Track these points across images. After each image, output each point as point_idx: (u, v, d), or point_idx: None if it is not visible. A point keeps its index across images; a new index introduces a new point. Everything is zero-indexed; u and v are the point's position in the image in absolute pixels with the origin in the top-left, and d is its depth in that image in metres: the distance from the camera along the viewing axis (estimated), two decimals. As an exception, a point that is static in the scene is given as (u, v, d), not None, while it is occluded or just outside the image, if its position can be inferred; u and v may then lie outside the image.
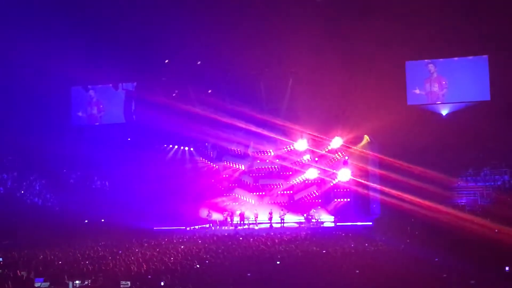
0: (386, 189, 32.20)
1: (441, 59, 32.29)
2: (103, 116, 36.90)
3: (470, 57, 31.69)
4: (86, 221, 33.37)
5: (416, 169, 31.19)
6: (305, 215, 35.79)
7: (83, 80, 36.13)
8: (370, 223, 32.63)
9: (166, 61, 33.59)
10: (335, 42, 30.80)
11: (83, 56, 31.88)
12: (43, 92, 34.31)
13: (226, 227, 35.50)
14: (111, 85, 36.07)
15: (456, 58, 32.03)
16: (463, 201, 32.35)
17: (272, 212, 35.97)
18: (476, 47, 31.10)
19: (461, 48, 31.29)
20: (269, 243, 23.86)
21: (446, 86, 32.10)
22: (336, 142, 35.80)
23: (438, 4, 29.68)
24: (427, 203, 29.05)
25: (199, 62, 33.19)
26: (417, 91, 32.60)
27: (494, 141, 31.06)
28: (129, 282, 15.23)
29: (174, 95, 34.27)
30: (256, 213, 36.36)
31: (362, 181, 35.03)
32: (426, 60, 32.31)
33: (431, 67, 32.19)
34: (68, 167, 38.30)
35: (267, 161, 38.59)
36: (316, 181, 37.62)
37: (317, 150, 36.88)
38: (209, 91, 34.13)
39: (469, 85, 31.73)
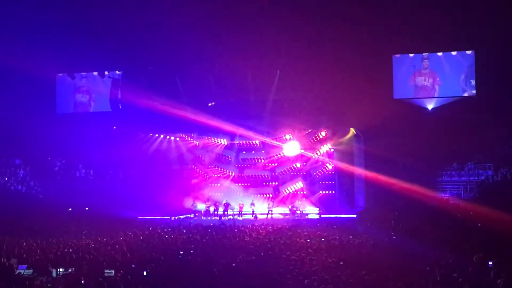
0: (371, 182, 32.39)
1: (427, 53, 32.37)
2: (88, 104, 36.62)
3: (456, 52, 31.80)
4: (70, 209, 33.18)
5: (401, 162, 31.37)
6: (290, 206, 35.92)
7: (68, 68, 35.82)
8: (355, 216, 32.81)
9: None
10: (322, 34, 30.77)
11: (69, 43, 31.61)
12: (28, 79, 33.95)
13: (210, 218, 35.56)
14: (97, 73, 35.80)
15: (442, 53, 32.13)
16: (447, 195, 32.65)
17: (254, 203, 36.09)
18: (463, 42, 31.21)
19: (448, 43, 31.39)
20: (254, 234, 23.92)
21: (432, 81, 32.20)
22: (322, 134, 36.00)
23: (426, -1, 29.84)
24: (411, 195, 29.25)
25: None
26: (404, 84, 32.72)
27: (479, 136, 31.28)
28: (113, 271, 15.21)
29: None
30: (241, 203, 36.44)
31: (348, 173, 35.21)
32: (412, 54, 32.38)
33: (425, 62, 32.27)
34: (52, 155, 38.07)
35: (253, 152, 38.67)
36: (301, 173, 37.80)
37: (304, 141, 37.01)
38: (196, 82, 33.98)
39: (455, 80, 31.86)
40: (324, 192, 37.14)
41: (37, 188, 35.42)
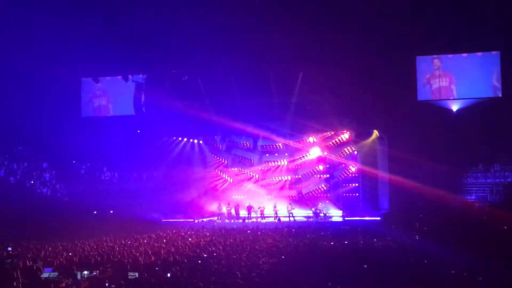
0: (395, 184, 32.14)
1: (451, 55, 32.06)
2: (112, 107, 36.92)
3: (481, 53, 31.46)
4: (95, 212, 33.47)
5: (425, 164, 31.08)
6: (313, 209, 35.83)
7: (93, 72, 36.16)
8: (379, 218, 32.61)
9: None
10: (345, 36, 30.63)
11: (93, 48, 31.90)
12: (54, 83, 34.34)
13: (234, 220, 35.59)
14: (120, 77, 36.06)
15: (466, 54, 31.81)
16: (473, 197, 32.27)
17: (276, 206, 36.07)
18: (488, 43, 30.86)
19: (472, 44, 31.06)
20: (276, 237, 23.87)
21: (453, 82, 31.87)
22: (345, 136, 35.85)
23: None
24: (436, 198, 28.97)
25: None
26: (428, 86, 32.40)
27: (505, 137, 30.88)
28: (137, 273, 15.30)
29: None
30: (262, 206, 36.42)
31: (372, 175, 35.04)
32: (436, 56, 32.08)
33: (437, 62, 31.96)
34: (77, 158, 38.41)
35: (276, 155, 38.64)
36: (324, 176, 37.68)
37: (327, 144, 36.89)
38: (219, 85, 34.06)
39: (481, 81, 31.49)
40: (347, 194, 36.96)
41: (63, 191, 35.75)
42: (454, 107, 32.16)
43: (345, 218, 34.27)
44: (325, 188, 37.31)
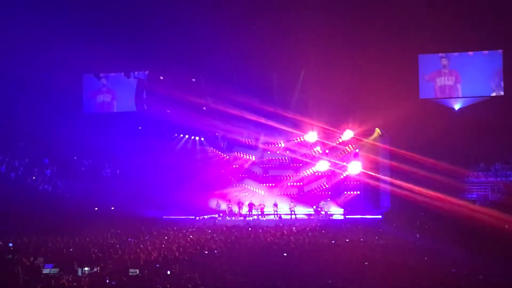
0: (396, 182, 32.12)
1: (454, 53, 32.01)
2: (114, 104, 36.91)
3: (484, 52, 31.41)
4: (96, 208, 33.47)
5: (427, 162, 31.04)
6: (314, 207, 35.79)
7: (95, 68, 36.17)
8: (380, 216, 32.59)
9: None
10: (347, 34, 30.62)
11: (96, 44, 31.89)
12: (55, 79, 34.33)
13: (235, 218, 35.58)
14: (123, 73, 36.05)
15: (469, 53, 31.76)
16: (474, 196, 32.21)
17: (277, 204, 36.04)
18: (491, 42, 30.81)
19: (475, 42, 31.02)
20: (278, 235, 23.87)
21: (459, 81, 31.84)
22: (347, 134, 35.77)
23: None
24: (437, 196, 28.95)
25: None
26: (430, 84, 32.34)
27: (506, 136, 30.83)
28: (137, 270, 15.31)
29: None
30: (263, 204, 36.39)
31: (373, 173, 34.99)
32: (439, 54, 32.04)
33: (444, 61, 31.92)
34: (79, 155, 38.40)
35: (278, 152, 38.53)
36: (326, 173, 37.57)
37: (328, 142, 36.85)
38: (221, 82, 34.03)
39: (483, 80, 31.46)
40: (349, 192, 36.91)
41: (64, 188, 35.74)
42: (456, 106, 32.14)
43: (346, 216, 34.22)
44: (326, 186, 37.24)
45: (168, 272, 15.14)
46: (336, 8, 30.10)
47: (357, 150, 36.09)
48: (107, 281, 14.42)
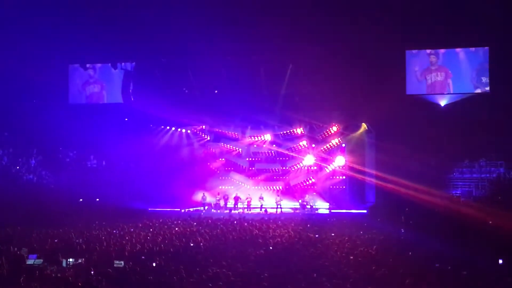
0: (382, 177, 32.27)
1: (441, 50, 32.13)
2: (104, 95, 36.66)
3: (471, 49, 31.58)
4: (81, 199, 33.31)
5: (412, 158, 31.20)
6: (300, 201, 35.88)
7: (81, 58, 35.90)
8: (365, 211, 32.75)
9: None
10: (335, 29, 30.61)
11: (82, 34, 31.65)
12: (41, 69, 34.00)
13: (220, 211, 35.58)
14: (110, 64, 35.82)
15: (456, 49, 31.91)
16: (458, 192, 32.47)
17: (263, 197, 36.08)
18: (477, 39, 30.95)
19: (462, 39, 31.15)
20: (263, 228, 23.91)
21: (445, 77, 31.98)
22: (334, 129, 35.88)
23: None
24: (422, 192, 29.12)
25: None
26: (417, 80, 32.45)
27: (491, 133, 31.03)
28: (122, 262, 15.28)
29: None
30: (249, 197, 36.42)
31: (359, 168, 35.13)
32: (427, 50, 32.15)
33: (432, 57, 32.04)
34: (64, 145, 38.15)
35: (264, 146, 38.53)
36: (312, 168, 37.65)
37: (315, 136, 36.94)
38: (208, 75, 33.94)
39: (469, 77, 31.62)
40: (334, 187, 37.03)
41: (49, 178, 35.52)
42: (442, 102, 32.28)
43: (332, 211, 34.35)
44: (313, 180, 37.31)
45: (154, 264, 15.12)
46: (323, 4, 30.06)
47: (343, 145, 36.23)
48: (92, 272, 14.36)
